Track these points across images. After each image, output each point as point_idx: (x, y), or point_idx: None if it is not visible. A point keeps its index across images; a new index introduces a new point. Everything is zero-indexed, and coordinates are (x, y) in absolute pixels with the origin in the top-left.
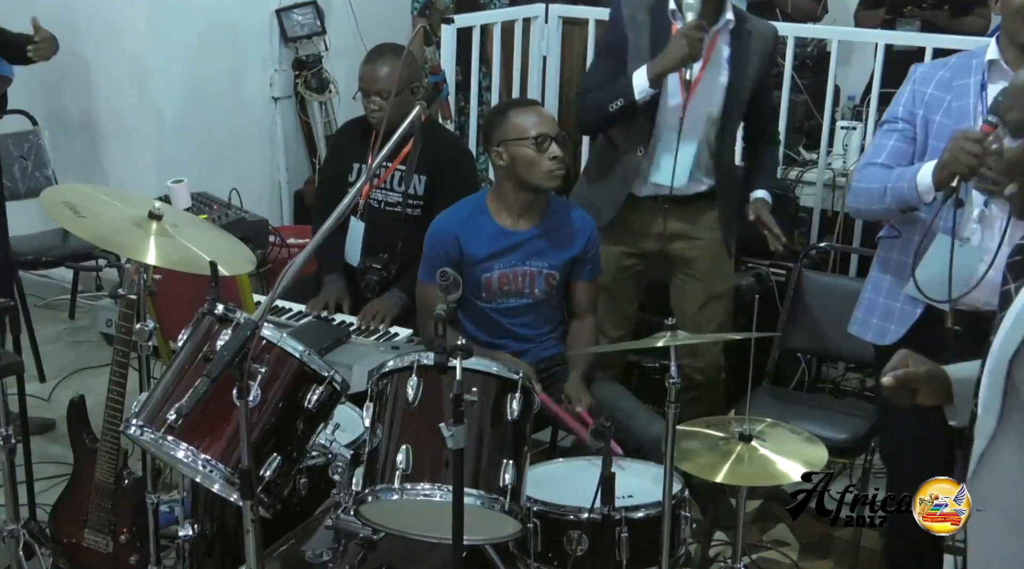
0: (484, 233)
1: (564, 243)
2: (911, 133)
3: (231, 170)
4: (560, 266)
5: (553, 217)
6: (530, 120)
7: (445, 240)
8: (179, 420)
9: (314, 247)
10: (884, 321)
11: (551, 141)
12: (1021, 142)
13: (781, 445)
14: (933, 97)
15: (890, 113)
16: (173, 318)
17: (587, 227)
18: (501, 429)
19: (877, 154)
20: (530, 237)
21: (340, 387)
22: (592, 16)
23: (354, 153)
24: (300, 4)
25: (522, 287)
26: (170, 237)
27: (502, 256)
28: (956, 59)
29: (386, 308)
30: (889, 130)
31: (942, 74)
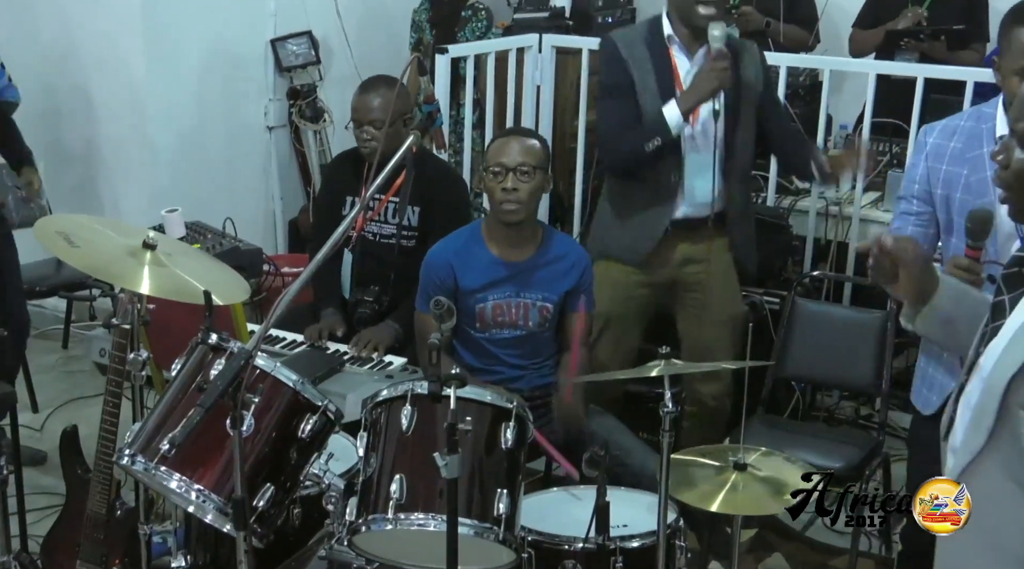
0: (478, 263)
1: (559, 275)
2: (929, 215)
3: (226, 199)
4: (555, 298)
5: (548, 249)
6: (499, 149)
7: (440, 269)
8: (172, 450)
9: (308, 277)
10: (929, 391)
11: (507, 173)
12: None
13: (775, 474)
14: (949, 173)
15: (905, 189)
16: (167, 347)
17: (582, 261)
18: (495, 458)
19: None
20: (524, 268)
21: (334, 416)
22: (585, 46)
23: (346, 186)
24: (295, 34)
25: (515, 319)
26: (164, 267)
27: (496, 287)
28: (964, 122)
29: (379, 337)
30: (905, 213)
31: (954, 145)
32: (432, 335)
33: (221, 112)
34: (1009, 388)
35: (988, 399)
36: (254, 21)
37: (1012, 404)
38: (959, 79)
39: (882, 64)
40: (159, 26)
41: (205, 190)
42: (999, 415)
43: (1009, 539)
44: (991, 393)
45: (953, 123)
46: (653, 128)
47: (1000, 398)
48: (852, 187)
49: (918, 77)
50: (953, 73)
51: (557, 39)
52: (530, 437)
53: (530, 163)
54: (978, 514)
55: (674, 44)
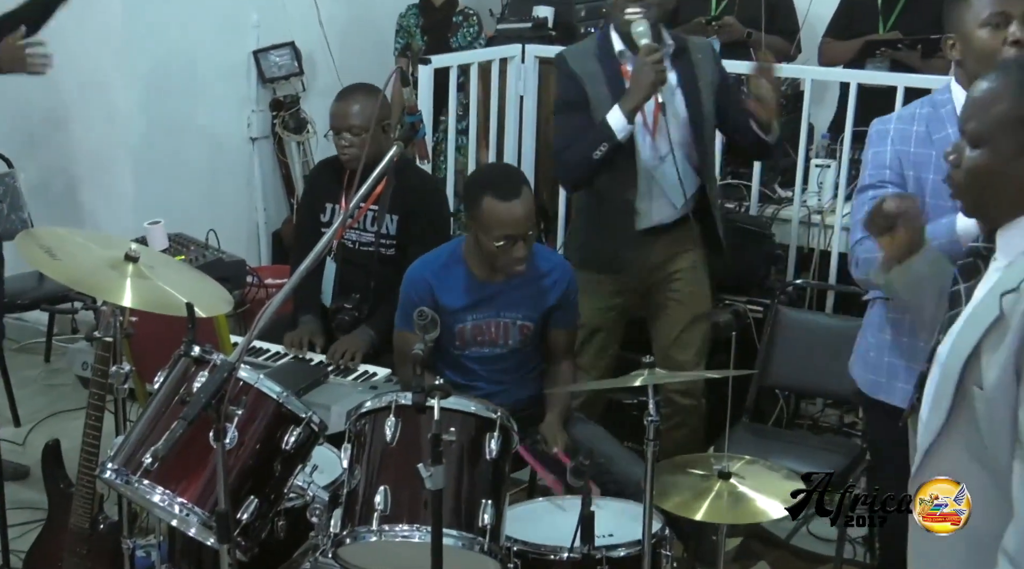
0: (458, 284)
1: (540, 294)
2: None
3: (208, 211)
4: (535, 317)
5: (530, 267)
6: (503, 218)
7: (419, 287)
8: (155, 463)
9: (292, 287)
10: (907, 384)
11: (516, 242)
12: (980, 150)
13: (760, 482)
14: (918, 155)
15: (874, 177)
16: (150, 360)
17: (564, 277)
18: (480, 469)
19: None
20: (504, 290)
21: (318, 428)
22: None
23: (326, 194)
24: (277, 45)
25: (496, 338)
26: (146, 279)
27: (475, 308)
28: (920, 109)
29: (355, 345)
30: (879, 197)
31: (917, 129)
32: (416, 345)
33: (204, 123)
34: (965, 370)
35: (946, 381)
36: (236, 32)
37: (968, 384)
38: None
39: (862, 73)
40: (140, 37)
41: (188, 202)
42: (956, 395)
43: (973, 517)
44: (948, 375)
45: (907, 111)
46: (599, 135)
47: (957, 380)
48: (834, 196)
49: (898, 86)
50: (932, 82)
51: (540, 49)
52: (514, 447)
53: (532, 225)
54: None
55: (625, 58)
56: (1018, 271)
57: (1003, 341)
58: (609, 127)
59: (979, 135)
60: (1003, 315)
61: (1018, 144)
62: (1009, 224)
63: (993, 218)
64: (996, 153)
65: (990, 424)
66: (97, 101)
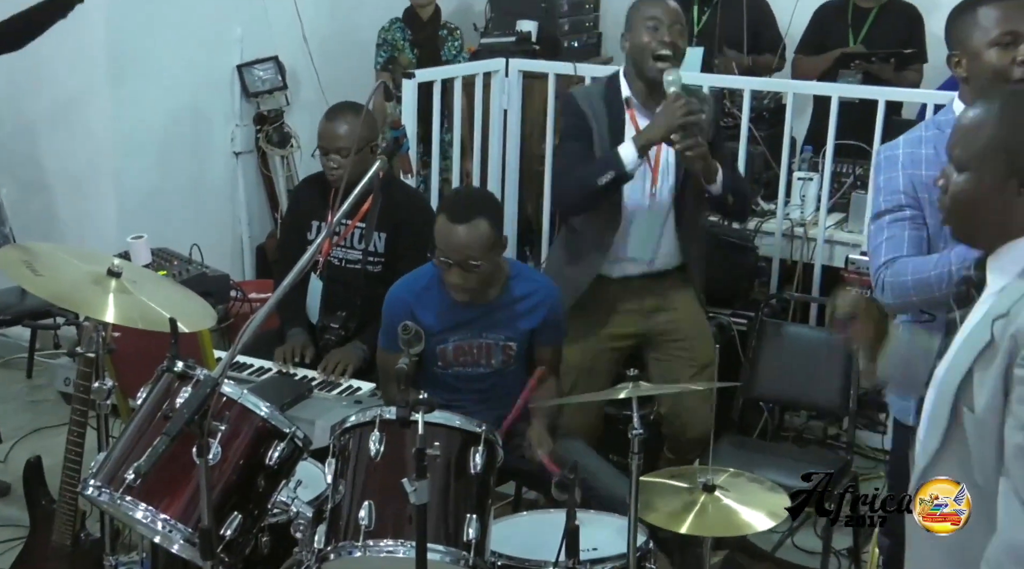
0: (437, 306)
1: (523, 315)
2: (921, 218)
3: (192, 225)
4: (518, 337)
5: (513, 289)
6: (444, 236)
7: (400, 308)
8: (138, 480)
9: (276, 302)
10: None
11: (451, 267)
12: (965, 176)
13: (745, 495)
14: (931, 177)
15: (890, 202)
16: (133, 375)
17: (548, 298)
18: (465, 483)
19: (898, 247)
20: (486, 311)
21: (302, 443)
22: (552, 70)
23: (313, 211)
24: (261, 60)
25: (478, 358)
26: (129, 294)
27: (457, 330)
28: (926, 132)
29: (347, 359)
30: (897, 220)
31: (926, 152)
32: (400, 360)
33: (187, 138)
34: (958, 393)
35: (941, 404)
36: (220, 47)
37: (961, 407)
38: (918, 101)
39: (844, 87)
40: (124, 51)
41: (171, 216)
42: (951, 418)
43: (968, 538)
44: (943, 398)
45: (914, 135)
46: (606, 162)
47: (951, 403)
48: (816, 209)
49: (879, 99)
50: (911, 95)
51: (524, 63)
52: (499, 461)
53: (476, 256)
54: None
55: (633, 105)
56: (1009, 297)
57: (993, 364)
58: (619, 158)
59: (964, 161)
60: (993, 340)
61: (1001, 172)
62: (998, 251)
63: (981, 244)
64: (980, 180)
65: (980, 446)
66: (79, 115)
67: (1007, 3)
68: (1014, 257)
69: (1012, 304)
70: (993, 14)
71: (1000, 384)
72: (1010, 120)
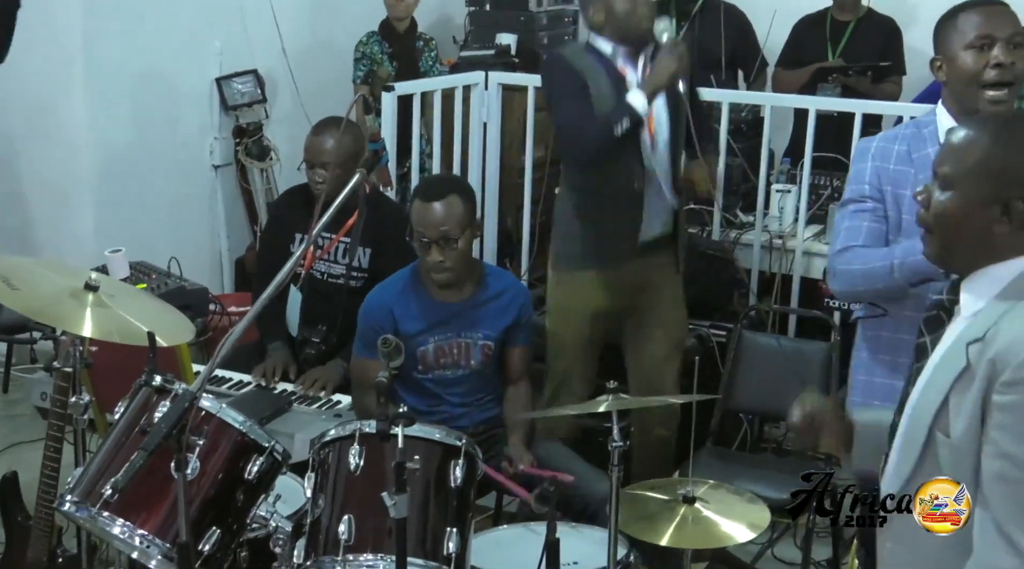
0: (417, 306)
1: (499, 312)
2: (882, 212)
3: (170, 239)
4: (495, 335)
5: (487, 287)
6: (420, 216)
7: (379, 314)
8: (115, 495)
9: (254, 316)
10: (887, 401)
11: (431, 246)
12: (949, 194)
13: (724, 506)
14: (898, 172)
15: (855, 192)
16: (110, 390)
17: (520, 295)
18: (444, 496)
19: (854, 236)
20: (464, 308)
21: (281, 457)
22: (531, 83)
23: (296, 223)
24: (240, 72)
25: (458, 359)
26: (107, 308)
27: (436, 329)
28: (904, 130)
29: (327, 376)
30: (858, 211)
31: (898, 148)
32: (380, 373)
33: (166, 151)
34: (935, 419)
35: (915, 430)
36: (199, 60)
37: (936, 438)
38: (894, 114)
39: (821, 100)
40: (101, 64)
41: (150, 230)
42: (925, 444)
43: (942, 562)
44: (918, 424)
45: (892, 131)
46: (620, 111)
47: (927, 429)
48: (795, 221)
49: (856, 112)
50: (888, 108)
51: (503, 76)
52: (479, 474)
53: (453, 232)
54: (912, 538)
55: (619, 58)
56: (984, 321)
57: (969, 390)
58: (631, 105)
59: (950, 179)
60: (970, 365)
61: (985, 193)
62: (974, 274)
63: (958, 266)
64: (964, 199)
65: (955, 472)
66: (56, 127)
67: (986, 8)
68: (989, 282)
69: (987, 328)
70: (971, 19)
71: (977, 410)
72: (1003, 145)
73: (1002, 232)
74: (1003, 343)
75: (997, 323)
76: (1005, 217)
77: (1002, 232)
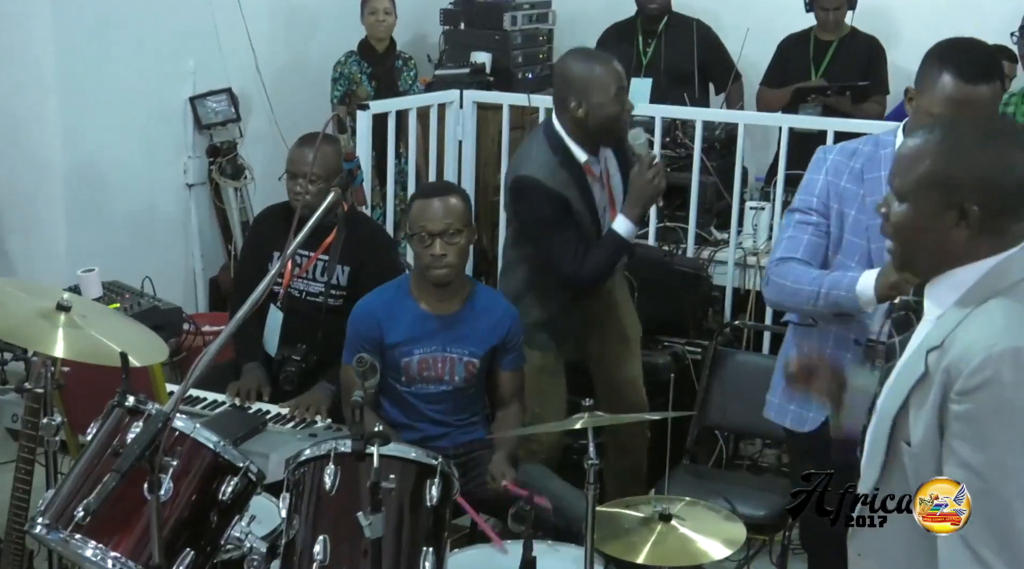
0: (406, 316)
1: (486, 331)
2: (825, 227)
3: (144, 258)
4: (480, 354)
5: (476, 303)
6: (421, 213)
7: (367, 322)
8: (87, 517)
9: (229, 335)
10: (802, 408)
11: (434, 239)
12: (905, 205)
13: (700, 524)
14: (847, 190)
15: (802, 202)
16: (83, 411)
17: (508, 317)
18: (420, 516)
19: (794, 248)
20: (452, 322)
21: (256, 477)
22: (506, 101)
23: (275, 241)
24: (214, 91)
25: (441, 373)
26: (79, 328)
27: (423, 341)
28: (863, 146)
29: (319, 401)
30: (803, 222)
31: (853, 165)
32: (355, 392)
33: (139, 170)
34: (895, 426)
35: (879, 436)
36: (172, 78)
37: (898, 439)
38: (866, 132)
39: (793, 118)
40: (74, 83)
41: (123, 249)
42: (888, 451)
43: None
44: (881, 430)
45: (851, 146)
46: (615, 248)
47: (888, 434)
48: (769, 238)
49: (828, 130)
50: (861, 126)
51: (478, 95)
52: (455, 493)
53: (456, 225)
54: (881, 544)
55: (591, 164)
56: (943, 328)
57: (927, 398)
58: (622, 237)
59: (903, 192)
60: (928, 372)
61: (938, 202)
62: (936, 279)
63: (920, 272)
64: (919, 209)
65: (917, 480)
66: (28, 145)
67: (964, 87)
68: (950, 286)
69: (946, 335)
70: (948, 86)
71: (935, 419)
72: (948, 151)
73: (960, 237)
74: (957, 351)
75: (954, 331)
76: (963, 222)
77: (960, 237)
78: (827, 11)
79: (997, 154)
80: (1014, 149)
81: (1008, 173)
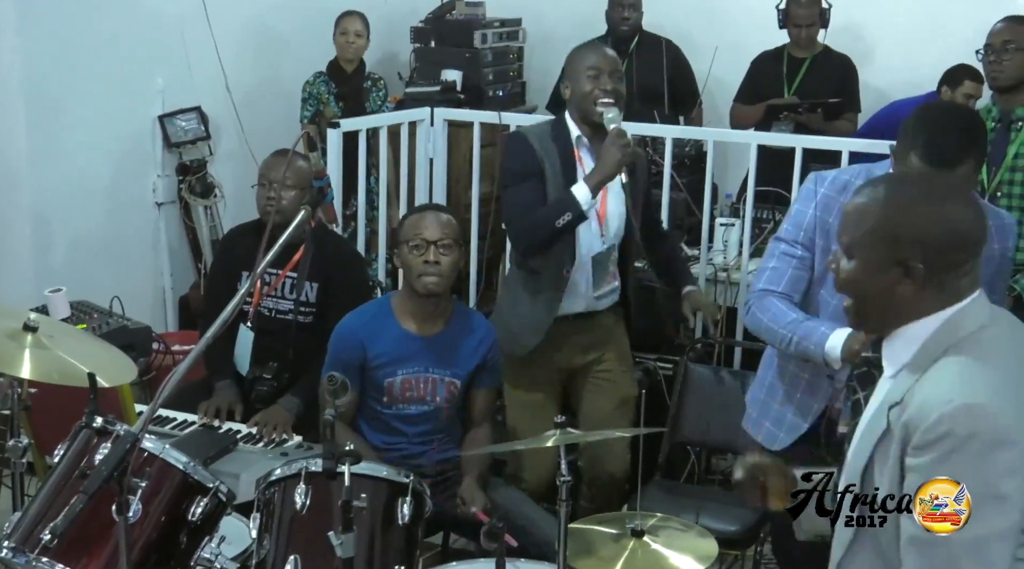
0: (389, 336)
1: (467, 351)
2: (809, 261)
3: (113, 277)
4: (463, 375)
5: (456, 324)
6: (417, 223)
7: (350, 342)
8: (54, 540)
9: (198, 354)
10: (775, 427)
11: (429, 247)
12: (853, 262)
13: (672, 540)
14: (834, 226)
15: (790, 234)
16: (50, 432)
17: (489, 336)
18: (392, 534)
19: (776, 281)
20: (435, 342)
21: (226, 498)
22: (476, 119)
23: (245, 259)
24: (184, 110)
25: (424, 394)
26: (46, 349)
27: (407, 361)
28: (855, 179)
29: (281, 418)
30: (787, 255)
31: (843, 200)
32: (326, 411)
33: (108, 188)
34: (863, 481)
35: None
36: (141, 97)
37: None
38: (835, 149)
39: (762, 135)
40: (42, 101)
41: (91, 269)
42: None
43: None
44: (851, 483)
45: (844, 177)
46: (563, 204)
47: (859, 488)
48: (739, 253)
49: (796, 147)
50: (830, 143)
51: (449, 113)
52: (427, 511)
53: (450, 237)
54: None
55: (582, 146)
56: (902, 384)
57: (890, 453)
58: (574, 198)
59: (850, 248)
60: (890, 427)
61: (883, 258)
62: (892, 335)
63: (874, 328)
64: (865, 265)
65: (886, 533)
66: None
67: (929, 170)
68: (904, 343)
69: (905, 392)
70: (915, 166)
71: (896, 474)
72: (892, 208)
73: (907, 293)
74: (915, 407)
75: (912, 387)
76: (907, 278)
77: (907, 293)
78: (800, 28)
79: (939, 211)
80: (957, 206)
81: (951, 230)
